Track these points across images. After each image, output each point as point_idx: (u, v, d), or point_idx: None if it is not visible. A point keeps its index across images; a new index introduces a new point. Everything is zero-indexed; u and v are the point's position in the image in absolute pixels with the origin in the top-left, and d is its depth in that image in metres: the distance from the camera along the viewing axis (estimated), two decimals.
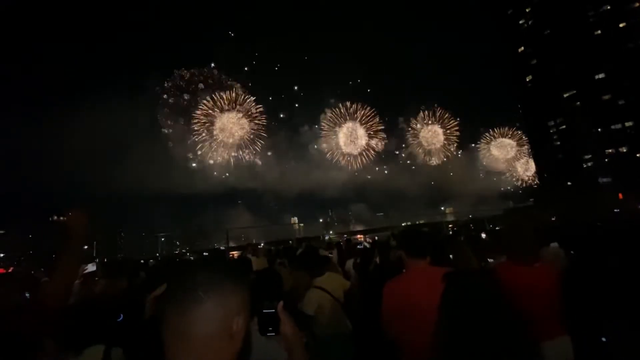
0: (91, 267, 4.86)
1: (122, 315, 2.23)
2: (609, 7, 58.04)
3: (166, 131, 51.77)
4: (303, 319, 2.34)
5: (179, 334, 0.72)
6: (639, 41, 55.22)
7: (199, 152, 52.96)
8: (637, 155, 54.29)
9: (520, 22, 68.76)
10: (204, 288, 0.75)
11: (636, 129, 54.93)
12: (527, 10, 67.23)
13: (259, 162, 56.90)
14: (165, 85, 48.95)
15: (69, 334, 1.69)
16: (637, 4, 55.81)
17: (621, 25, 56.92)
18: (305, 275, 3.07)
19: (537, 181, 63.78)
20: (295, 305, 2.62)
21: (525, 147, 62.47)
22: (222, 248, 12.60)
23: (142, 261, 8.31)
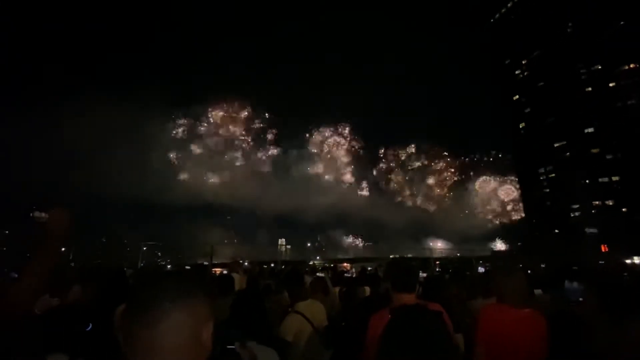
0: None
1: (91, 324, 2.12)
2: (599, 67, 61.47)
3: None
4: (280, 346, 2.24)
5: (148, 348, 0.68)
6: (627, 101, 58.14)
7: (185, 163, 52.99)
8: (623, 209, 55.52)
9: (517, 72, 72.22)
10: (170, 298, 0.72)
11: (622, 183, 56.55)
12: (523, 62, 70.85)
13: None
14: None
15: (31, 340, 1.60)
16: (626, 67, 59.19)
17: (611, 84, 60.10)
18: (287, 299, 2.97)
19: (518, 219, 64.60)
20: (272, 330, 2.52)
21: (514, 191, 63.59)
22: (205, 263, 12.28)
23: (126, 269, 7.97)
